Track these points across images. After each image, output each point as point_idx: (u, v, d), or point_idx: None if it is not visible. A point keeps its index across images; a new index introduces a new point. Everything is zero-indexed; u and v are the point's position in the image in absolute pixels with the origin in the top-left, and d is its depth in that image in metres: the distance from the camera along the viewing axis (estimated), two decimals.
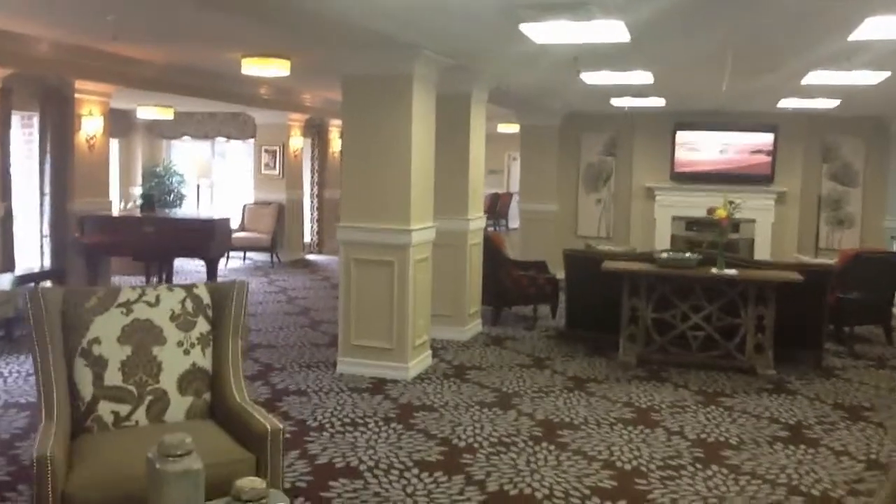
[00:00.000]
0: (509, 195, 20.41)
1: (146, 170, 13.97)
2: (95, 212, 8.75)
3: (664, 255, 6.89)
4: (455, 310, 7.56)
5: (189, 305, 3.58)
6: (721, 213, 6.54)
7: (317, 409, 5.35)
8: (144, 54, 8.23)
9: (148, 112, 12.23)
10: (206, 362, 3.58)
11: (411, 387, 5.95)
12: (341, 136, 6.32)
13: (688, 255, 6.90)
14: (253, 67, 8.04)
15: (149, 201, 9.56)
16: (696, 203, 11.17)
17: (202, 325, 3.60)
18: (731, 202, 6.64)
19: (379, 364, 6.17)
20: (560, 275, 9.94)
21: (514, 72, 7.44)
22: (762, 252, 11.08)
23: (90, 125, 8.97)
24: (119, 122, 13.34)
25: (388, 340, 6.16)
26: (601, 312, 7.24)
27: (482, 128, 7.89)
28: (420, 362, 6.39)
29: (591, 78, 7.40)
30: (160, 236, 8.41)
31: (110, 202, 9.32)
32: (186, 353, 3.52)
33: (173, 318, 3.53)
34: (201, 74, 9.38)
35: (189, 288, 3.61)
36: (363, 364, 6.21)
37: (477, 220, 7.74)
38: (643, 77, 7.31)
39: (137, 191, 13.94)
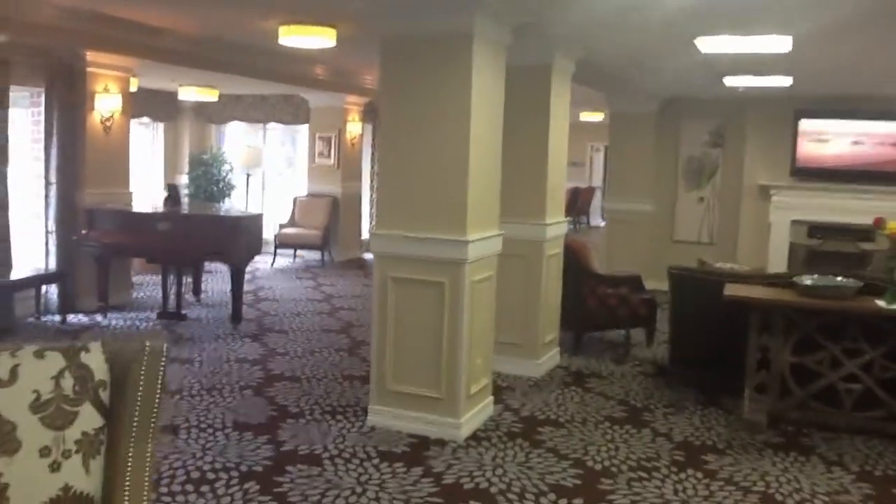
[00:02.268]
0: (591, 190, 18.70)
1: (193, 157, 12.79)
2: (103, 205, 7.48)
3: (808, 280, 5.15)
4: (526, 338, 5.99)
5: (67, 383, 2.12)
6: (894, 226, 4.77)
7: (327, 495, 3.85)
8: (167, 22, 6.90)
9: (189, 93, 11.01)
10: (89, 484, 2.11)
11: (462, 454, 4.40)
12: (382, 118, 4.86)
13: (841, 279, 5.15)
14: (292, 38, 6.64)
15: (173, 193, 8.25)
16: (823, 205, 9.41)
17: (89, 418, 2.13)
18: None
19: (422, 417, 4.65)
20: (656, 287, 8.30)
21: (607, 34, 5.79)
22: None
23: (106, 104, 7.72)
24: (164, 105, 12.22)
25: (434, 387, 4.63)
26: (718, 349, 5.57)
27: (566, 108, 6.27)
28: (477, 415, 4.85)
29: (708, 45, 5.70)
30: (175, 236, 7.08)
31: (130, 194, 8.06)
32: (55, 468, 2.06)
33: (37, 406, 2.08)
34: (239, 48, 8.03)
35: (71, 353, 2.15)
36: (402, 416, 4.70)
37: (557, 226, 6.14)
38: (779, 44, 5.56)
39: (184, 180, 12.83)
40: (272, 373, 5.83)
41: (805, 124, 9.22)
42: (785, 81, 7.56)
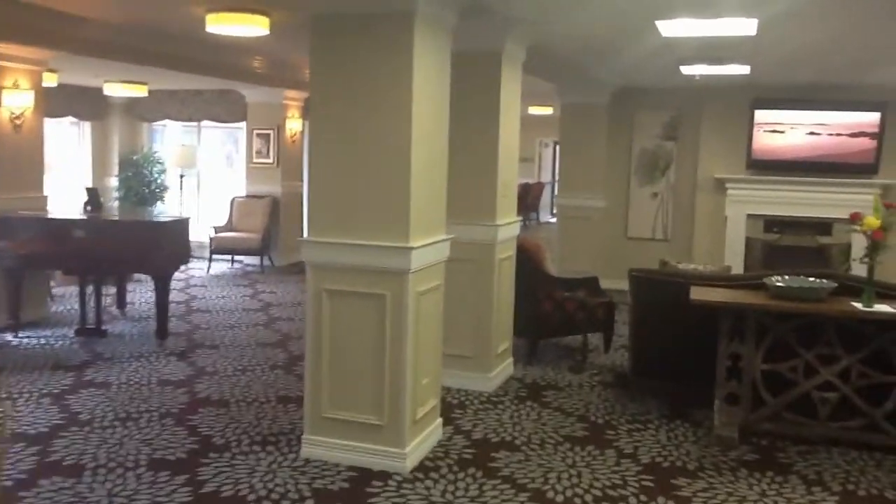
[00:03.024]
0: (541, 186, 18.38)
1: (123, 158, 12.06)
2: (13, 212, 6.80)
3: (780, 282, 4.78)
4: (477, 349, 5.52)
5: None
6: (872, 221, 4.41)
7: None
8: (83, 8, 6.24)
9: (116, 89, 10.29)
10: None
11: (408, 489, 3.91)
12: (310, 110, 4.31)
13: (814, 280, 4.79)
14: (220, 26, 6.07)
15: (93, 197, 7.58)
16: (779, 198, 9.14)
17: None
18: (888, 205, 4.50)
19: (363, 447, 4.14)
20: (611, 286, 7.95)
21: (562, 16, 5.33)
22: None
23: (15, 101, 7.03)
24: (91, 103, 11.47)
25: (376, 413, 4.13)
26: (683, 357, 5.18)
27: (517, 99, 5.82)
28: (424, 441, 4.36)
29: (670, 28, 5.29)
30: (92, 244, 6.43)
31: (45, 198, 7.38)
32: None
33: None
34: (166, 38, 7.38)
35: None
36: (339, 446, 4.18)
37: (509, 227, 5.69)
38: (744, 27, 5.18)
39: (114, 182, 12.09)
40: (198, 396, 5.26)
41: (761, 115, 8.92)
42: (743, 70, 7.22)
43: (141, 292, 8.63)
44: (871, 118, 8.65)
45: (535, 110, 15.54)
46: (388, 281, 4.03)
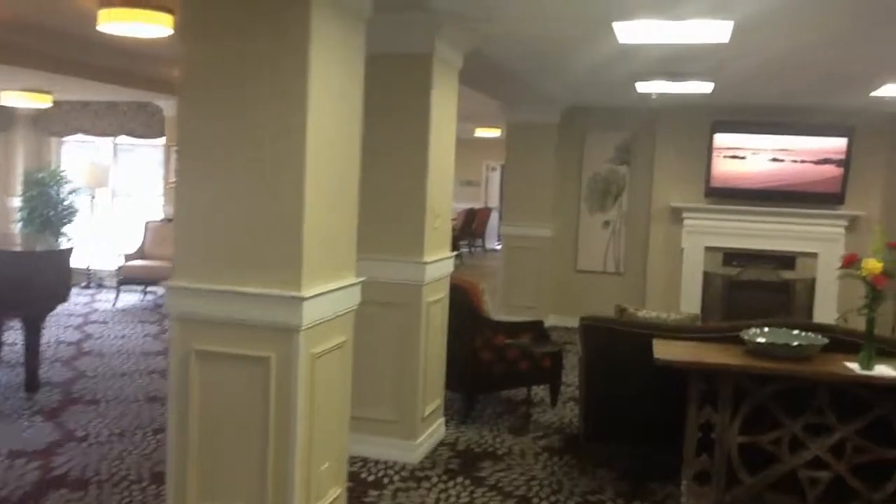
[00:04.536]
0: (487, 211, 17.59)
1: (27, 176, 10.90)
2: None
3: (760, 336, 3.98)
4: (401, 412, 4.62)
5: None
6: (874, 264, 3.64)
7: None
8: None
9: (15, 99, 9.19)
10: None
11: None
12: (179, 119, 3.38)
13: (799, 333, 4.01)
14: (114, 24, 5.11)
15: None
16: (740, 229, 8.48)
17: None
18: (891, 245, 3.73)
19: None
20: (558, 323, 7.16)
21: (504, 13, 4.53)
22: (825, 299, 8.23)
23: None
24: None
25: None
26: (645, 421, 4.35)
27: (452, 112, 4.99)
28: None
29: (628, 32, 4.51)
30: None
31: None
32: None
33: None
34: (62, 38, 6.36)
35: None
36: None
37: (440, 264, 4.82)
38: (715, 31, 4.41)
39: (16, 203, 10.93)
40: (53, 474, 4.24)
41: (721, 139, 8.24)
42: (705, 88, 6.50)
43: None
44: (837, 144, 8.02)
45: (482, 132, 14.88)
46: (274, 340, 3.12)
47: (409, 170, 4.56)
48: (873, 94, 6.54)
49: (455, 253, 5.19)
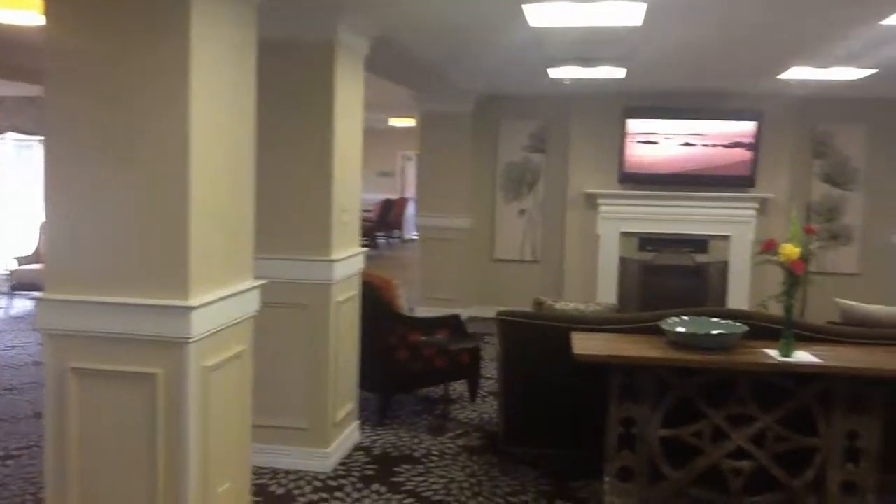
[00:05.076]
0: (404, 201, 17.36)
1: None
2: None
3: (679, 326, 3.88)
4: (311, 419, 4.36)
5: None
6: (791, 250, 3.57)
7: None
8: None
9: None
10: None
11: None
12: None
13: (719, 321, 3.92)
14: None
15: None
16: (654, 214, 8.46)
17: None
18: (807, 230, 3.67)
19: None
20: (477, 314, 7.01)
21: (412, 0, 4.29)
22: (738, 281, 8.31)
23: None
24: None
25: None
26: (565, 418, 4.22)
27: (358, 102, 4.73)
28: None
29: (539, 15, 4.34)
30: None
31: None
32: None
33: None
34: None
35: None
36: None
37: (350, 261, 4.57)
38: (628, 14, 4.28)
39: None
40: None
41: (633, 125, 8.20)
42: (618, 73, 6.41)
43: None
44: (746, 128, 8.09)
45: (396, 122, 14.67)
46: (160, 354, 2.82)
47: (313, 162, 4.29)
48: (781, 77, 6.57)
49: (365, 249, 4.94)
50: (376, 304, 5.04)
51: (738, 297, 8.18)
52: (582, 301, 8.25)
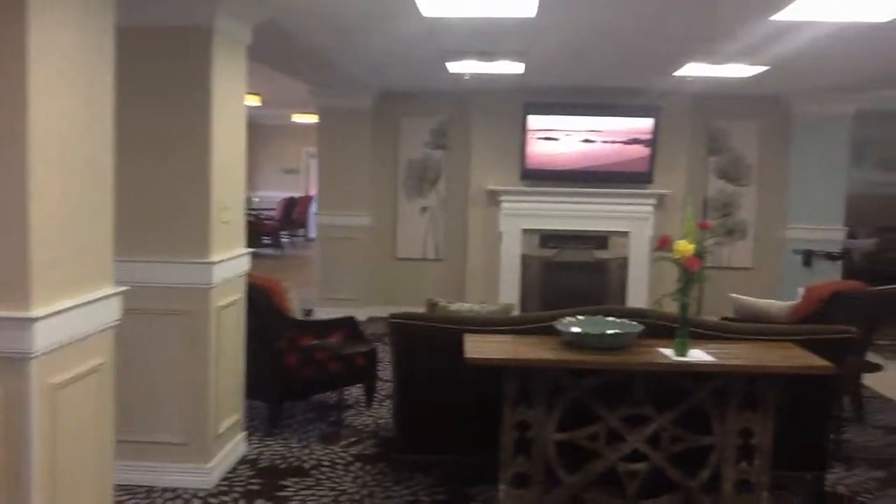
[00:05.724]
0: (308, 199, 16.93)
1: None
2: None
3: (574, 326, 3.77)
4: (191, 432, 4.06)
5: None
6: (685, 247, 3.49)
7: None
8: None
9: None
10: None
11: None
12: None
13: (614, 320, 3.83)
14: None
15: None
16: (555, 211, 8.43)
17: None
18: (702, 226, 3.61)
19: None
20: (379, 314, 6.81)
21: None
22: (638, 277, 8.35)
23: None
24: None
25: None
26: (462, 423, 4.06)
27: (240, 93, 4.45)
28: None
29: (432, 5, 4.16)
30: None
31: None
32: None
33: None
34: None
35: None
36: None
37: (232, 263, 4.29)
38: (521, 4, 4.16)
39: None
40: None
41: (534, 121, 8.14)
42: (517, 68, 6.31)
43: None
44: (644, 125, 8.14)
45: (300, 118, 14.32)
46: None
47: (189, 158, 3.99)
48: (676, 73, 6.60)
49: (252, 250, 4.66)
50: (264, 308, 4.77)
51: (638, 293, 8.23)
52: (486, 299, 8.20)
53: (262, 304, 4.75)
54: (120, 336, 3.12)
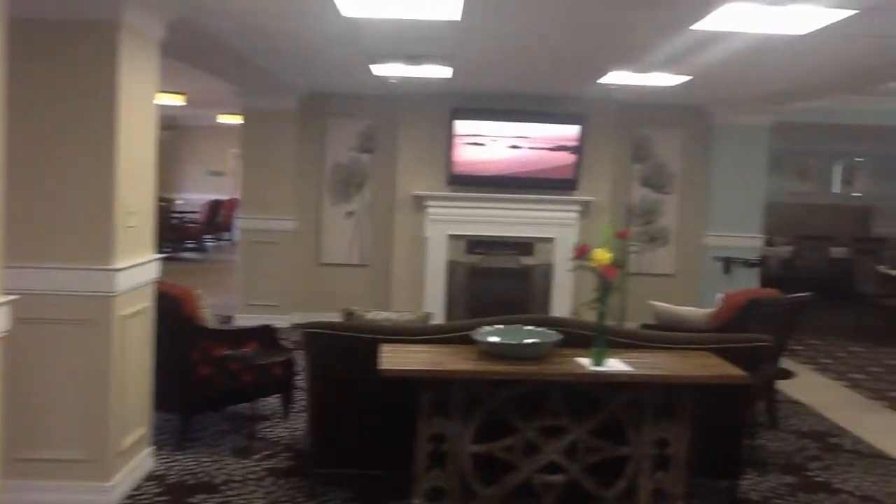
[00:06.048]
0: (235, 201, 16.58)
1: None
2: None
3: (491, 336, 3.70)
4: (90, 448, 3.85)
5: None
6: (602, 255, 3.46)
7: None
8: None
9: None
10: None
11: None
12: None
13: (532, 330, 3.78)
14: None
15: None
16: (481, 217, 8.42)
17: None
18: (620, 235, 3.59)
19: None
20: (304, 320, 6.63)
21: None
22: (562, 284, 8.34)
23: None
24: None
25: None
26: (379, 437, 3.95)
27: (151, 91, 4.25)
28: None
29: (352, 4, 4.06)
30: None
31: None
32: None
33: None
34: None
35: None
36: None
37: (138, 269, 4.08)
38: (444, 6, 4.08)
39: None
40: None
41: (461, 126, 8.09)
42: (444, 73, 6.24)
43: None
44: (570, 131, 8.16)
45: (225, 119, 14.05)
46: None
47: (91, 159, 3.78)
48: (600, 80, 6.63)
49: (161, 255, 4.46)
50: (175, 317, 4.58)
51: (562, 299, 8.24)
52: (411, 304, 8.11)
53: (172, 312, 4.55)
54: (12, 347, 2.92)
